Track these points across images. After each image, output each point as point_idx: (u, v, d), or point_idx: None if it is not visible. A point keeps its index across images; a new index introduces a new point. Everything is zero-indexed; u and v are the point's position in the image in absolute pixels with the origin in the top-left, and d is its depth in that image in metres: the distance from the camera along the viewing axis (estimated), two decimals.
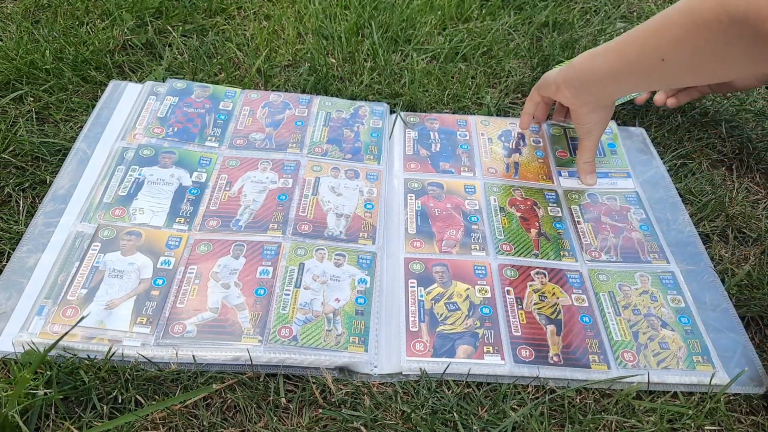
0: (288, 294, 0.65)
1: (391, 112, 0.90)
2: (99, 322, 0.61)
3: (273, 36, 1.00)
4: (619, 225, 0.78)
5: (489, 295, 0.68)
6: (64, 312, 0.61)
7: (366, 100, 0.91)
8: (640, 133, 0.90)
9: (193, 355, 0.59)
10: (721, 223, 0.79)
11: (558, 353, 0.63)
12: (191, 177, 0.76)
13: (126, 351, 0.59)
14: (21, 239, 0.68)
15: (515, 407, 0.59)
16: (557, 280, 0.70)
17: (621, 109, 0.94)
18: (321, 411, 0.57)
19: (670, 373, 0.62)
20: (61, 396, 0.55)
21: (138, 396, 0.56)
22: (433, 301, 0.67)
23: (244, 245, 0.69)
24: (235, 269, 0.67)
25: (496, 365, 0.61)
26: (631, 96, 0.90)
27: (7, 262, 0.66)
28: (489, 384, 0.61)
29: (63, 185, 0.74)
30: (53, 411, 0.55)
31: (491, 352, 0.63)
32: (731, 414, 0.60)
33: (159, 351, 0.59)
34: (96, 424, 0.54)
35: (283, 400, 0.58)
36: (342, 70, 0.95)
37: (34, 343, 0.58)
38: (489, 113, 0.91)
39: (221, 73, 0.93)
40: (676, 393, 0.62)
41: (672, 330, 0.66)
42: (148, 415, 0.55)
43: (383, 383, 0.60)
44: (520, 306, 0.67)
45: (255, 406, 0.57)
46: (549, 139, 0.89)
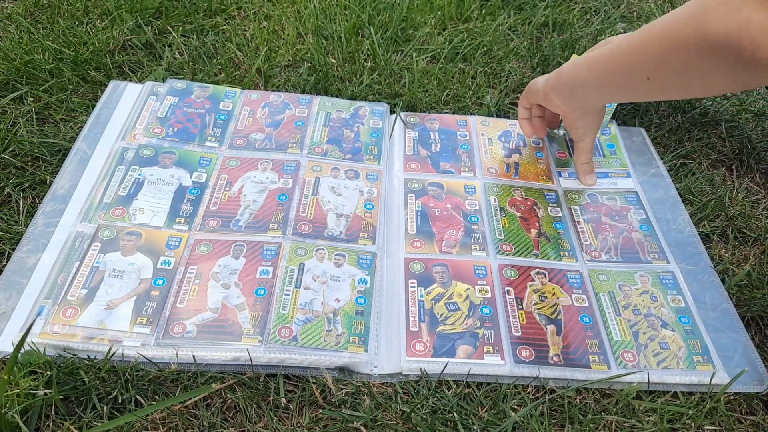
0: (288, 294, 0.65)
1: (391, 112, 0.90)
2: (99, 322, 0.61)
3: (273, 36, 1.00)
4: (619, 225, 0.78)
5: (489, 295, 0.68)
6: (64, 312, 0.61)
7: (366, 100, 0.91)
8: (640, 133, 0.90)
9: (193, 355, 0.59)
10: (721, 223, 0.79)
11: (558, 353, 0.63)
12: (191, 177, 0.76)
13: (126, 351, 0.59)
14: (21, 239, 0.68)
15: (515, 407, 0.59)
16: (557, 280, 0.70)
17: (621, 109, 0.94)
18: (321, 411, 0.57)
19: (670, 373, 0.62)
20: (61, 396, 0.55)
21: (138, 396, 0.56)
22: (433, 301, 0.67)
23: (244, 245, 0.69)
24: (235, 269, 0.67)
25: (496, 365, 0.61)
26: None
27: (7, 262, 0.66)
28: (489, 384, 0.61)
29: (63, 185, 0.74)
30: (53, 411, 0.55)
31: (491, 352, 0.63)
32: (731, 414, 0.60)
33: (159, 351, 0.59)
34: (96, 424, 0.54)
35: (283, 400, 0.58)
36: (342, 70, 0.95)
37: (34, 343, 0.58)
38: (489, 113, 0.91)
39: (221, 74, 0.93)
40: (676, 393, 0.62)
41: (672, 330, 0.66)
42: (148, 416, 0.55)
43: (383, 383, 0.60)
44: (520, 306, 0.67)
45: (255, 406, 0.57)
46: (548, 140, 0.89)
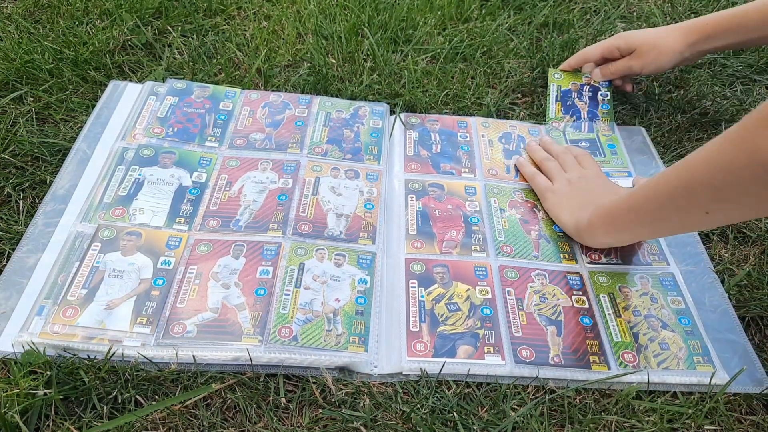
0: (288, 294, 0.65)
1: (391, 112, 0.90)
2: (99, 322, 0.61)
3: (273, 36, 1.00)
4: None
5: (489, 296, 0.68)
6: (64, 312, 0.61)
7: (366, 100, 0.91)
8: (640, 133, 0.90)
9: (193, 355, 0.59)
10: None
11: (558, 354, 0.63)
12: (191, 177, 0.76)
13: (126, 351, 0.59)
14: (21, 239, 0.68)
15: (515, 407, 0.59)
16: (557, 282, 0.70)
17: (621, 109, 0.95)
18: (321, 411, 0.57)
19: (670, 374, 0.62)
20: (61, 396, 0.55)
21: (138, 396, 0.56)
22: (434, 302, 0.67)
23: (244, 245, 0.69)
24: (235, 269, 0.67)
25: (496, 365, 0.61)
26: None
27: (7, 262, 0.66)
28: (489, 384, 0.61)
29: (63, 185, 0.74)
30: (53, 411, 0.55)
31: (492, 352, 0.63)
32: (731, 414, 0.60)
33: (159, 351, 0.59)
34: (96, 424, 0.54)
35: (283, 400, 0.58)
36: (342, 70, 0.95)
37: (34, 343, 0.58)
38: (489, 113, 0.91)
39: (221, 73, 0.93)
40: (675, 393, 0.62)
41: (672, 331, 0.66)
42: (148, 415, 0.55)
43: (383, 383, 0.60)
44: (520, 307, 0.67)
45: (255, 406, 0.57)
46: None
